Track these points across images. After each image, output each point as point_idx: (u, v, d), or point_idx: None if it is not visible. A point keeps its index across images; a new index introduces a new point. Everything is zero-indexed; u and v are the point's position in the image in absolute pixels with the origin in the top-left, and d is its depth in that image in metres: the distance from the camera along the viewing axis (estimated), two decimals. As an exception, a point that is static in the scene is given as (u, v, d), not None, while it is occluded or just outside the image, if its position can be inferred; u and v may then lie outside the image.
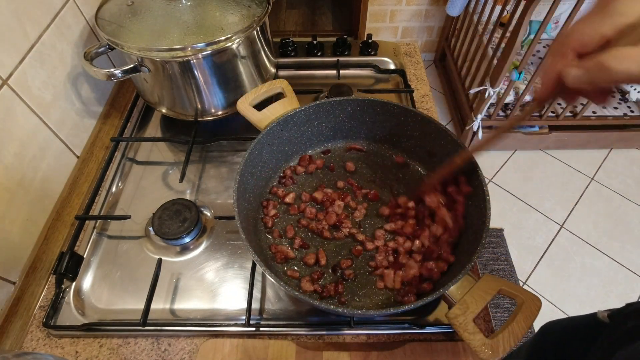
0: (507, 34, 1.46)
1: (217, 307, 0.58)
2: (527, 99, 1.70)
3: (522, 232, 1.73)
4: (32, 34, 0.64)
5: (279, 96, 0.67)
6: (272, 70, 0.80)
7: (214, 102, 0.73)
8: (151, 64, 0.65)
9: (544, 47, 1.97)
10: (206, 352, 0.52)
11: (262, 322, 0.56)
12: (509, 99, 1.71)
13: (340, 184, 0.66)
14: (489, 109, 1.74)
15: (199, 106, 0.72)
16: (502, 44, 1.50)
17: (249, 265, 0.60)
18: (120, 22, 0.65)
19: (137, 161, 0.75)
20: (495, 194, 1.84)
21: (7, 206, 0.59)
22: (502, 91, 1.65)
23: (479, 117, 1.73)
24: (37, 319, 0.57)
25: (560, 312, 1.52)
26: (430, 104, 0.84)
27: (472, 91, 1.73)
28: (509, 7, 1.57)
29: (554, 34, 1.94)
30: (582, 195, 1.84)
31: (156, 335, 0.56)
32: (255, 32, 0.68)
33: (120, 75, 0.65)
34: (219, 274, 0.61)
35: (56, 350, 0.55)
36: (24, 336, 0.56)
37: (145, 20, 0.65)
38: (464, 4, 1.80)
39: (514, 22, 1.41)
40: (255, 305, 0.57)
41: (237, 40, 0.65)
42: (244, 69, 0.71)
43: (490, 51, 1.67)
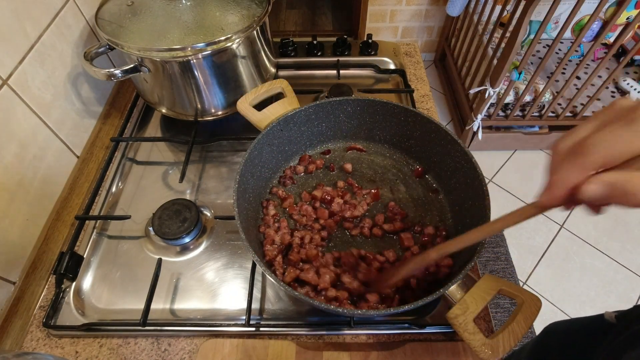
0: (507, 34, 1.47)
1: (217, 307, 0.58)
2: (527, 99, 1.70)
3: (522, 232, 1.73)
4: (32, 34, 0.64)
5: (279, 96, 0.67)
6: (272, 70, 0.80)
7: (214, 102, 0.73)
8: (151, 64, 0.65)
9: (544, 47, 1.97)
10: (206, 352, 0.52)
11: (262, 322, 0.56)
12: (509, 99, 1.71)
13: (340, 183, 0.66)
14: (489, 109, 1.74)
15: (199, 106, 0.72)
16: (502, 44, 1.51)
17: (249, 265, 0.60)
18: (120, 22, 0.65)
19: (137, 161, 0.75)
20: (495, 194, 1.84)
21: (7, 206, 0.59)
22: (502, 91, 1.65)
23: (479, 117, 1.73)
24: (37, 319, 0.57)
25: (560, 312, 1.52)
26: (430, 104, 0.84)
27: (472, 91, 1.73)
28: (509, 7, 1.57)
29: (554, 34, 1.94)
30: (582, 195, 1.84)
31: (156, 335, 0.56)
32: (255, 32, 0.68)
33: (120, 75, 0.65)
34: (219, 274, 0.61)
35: (56, 350, 0.55)
36: (24, 336, 0.56)
37: (145, 20, 0.65)
38: (464, 4, 1.80)
39: (514, 22, 1.41)
40: (255, 305, 0.57)
41: (237, 40, 0.65)
42: (244, 69, 0.71)
43: (490, 51, 1.67)
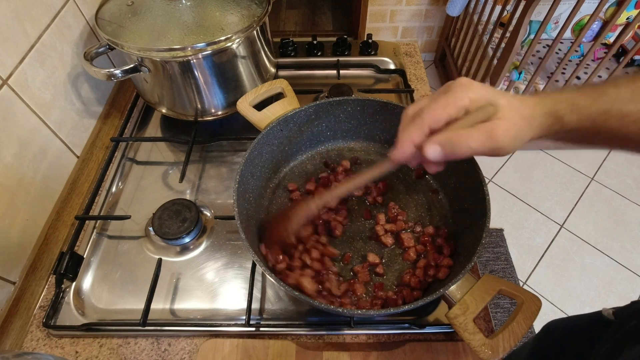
0: (507, 34, 1.47)
1: (217, 307, 0.58)
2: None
3: (522, 232, 1.73)
4: (32, 34, 0.64)
5: (279, 96, 0.67)
6: (272, 70, 0.80)
7: (214, 102, 0.73)
8: (151, 64, 0.65)
9: (544, 47, 1.97)
10: (206, 352, 0.52)
11: (262, 322, 0.56)
12: (509, 99, 1.71)
13: (345, 162, 0.67)
14: (489, 109, 1.74)
15: (199, 106, 0.72)
16: (502, 44, 1.51)
17: (249, 265, 0.60)
18: (120, 22, 0.65)
19: (137, 161, 0.75)
20: (495, 194, 1.84)
21: (7, 206, 0.59)
22: (502, 91, 1.65)
23: (479, 117, 1.73)
24: (37, 319, 0.57)
25: (560, 312, 1.52)
26: (430, 104, 0.84)
27: (472, 91, 1.72)
28: (509, 7, 1.57)
29: (554, 34, 1.94)
30: (582, 195, 1.84)
31: (156, 335, 0.56)
32: (255, 32, 0.68)
33: (120, 75, 0.65)
34: (219, 274, 0.61)
35: (56, 350, 0.55)
36: (24, 336, 0.56)
37: (145, 20, 0.65)
38: (464, 4, 1.80)
39: (514, 22, 1.41)
40: (255, 305, 0.57)
41: (237, 40, 0.65)
42: (244, 69, 0.71)
43: (490, 51, 1.67)
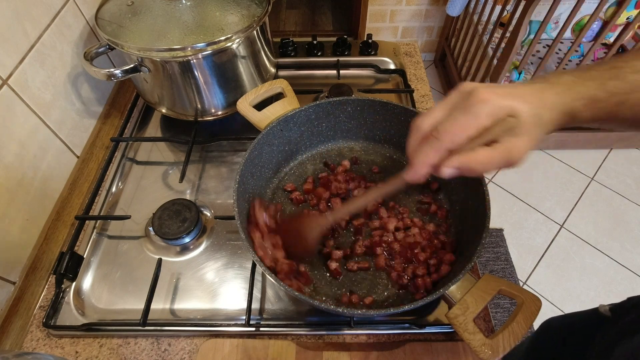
0: (507, 34, 1.47)
1: (217, 307, 0.58)
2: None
3: (522, 232, 1.73)
4: (32, 34, 0.64)
5: (279, 96, 0.67)
6: (272, 70, 0.80)
7: (214, 102, 0.73)
8: (151, 64, 0.65)
9: (544, 47, 1.97)
10: (206, 352, 0.52)
11: (262, 322, 0.56)
12: (509, 99, 1.71)
13: (345, 162, 0.67)
14: (489, 109, 1.74)
15: (199, 106, 0.72)
16: (502, 44, 1.51)
17: (249, 265, 0.60)
18: (120, 22, 0.65)
19: (137, 161, 0.75)
20: (495, 194, 1.84)
21: (7, 206, 0.59)
22: (502, 91, 1.65)
23: (479, 117, 1.73)
24: (37, 319, 0.57)
25: (560, 312, 1.52)
26: (430, 104, 0.84)
27: (472, 91, 1.72)
28: (509, 7, 1.57)
29: (554, 34, 1.94)
30: (582, 195, 1.84)
31: (156, 335, 0.56)
32: (255, 32, 0.68)
33: (120, 75, 0.65)
34: (219, 274, 0.61)
35: (56, 350, 0.55)
36: (24, 336, 0.56)
37: (145, 20, 0.65)
38: (464, 4, 1.80)
39: (514, 22, 1.41)
40: (255, 305, 0.57)
41: (237, 40, 0.65)
42: (244, 69, 0.71)
43: (490, 51, 1.67)
